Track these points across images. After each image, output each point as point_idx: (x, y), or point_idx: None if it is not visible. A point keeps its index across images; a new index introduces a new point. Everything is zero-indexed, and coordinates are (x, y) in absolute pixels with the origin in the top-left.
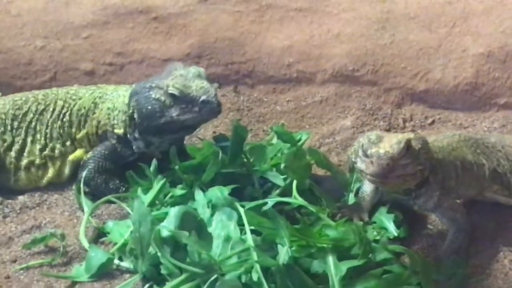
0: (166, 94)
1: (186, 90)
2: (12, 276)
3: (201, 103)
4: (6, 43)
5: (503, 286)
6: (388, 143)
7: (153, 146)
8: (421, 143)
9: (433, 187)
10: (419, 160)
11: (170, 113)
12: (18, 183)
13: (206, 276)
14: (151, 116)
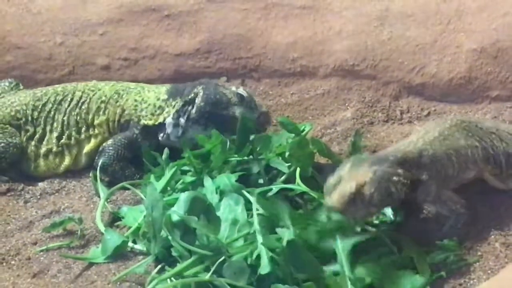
0: (234, 94)
1: (252, 98)
2: (32, 257)
3: (261, 112)
4: (27, 39)
5: (494, 267)
6: (338, 193)
7: (186, 135)
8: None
9: (428, 183)
10: (371, 203)
11: (233, 109)
12: (37, 170)
13: (214, 258)
14: (216, 105)
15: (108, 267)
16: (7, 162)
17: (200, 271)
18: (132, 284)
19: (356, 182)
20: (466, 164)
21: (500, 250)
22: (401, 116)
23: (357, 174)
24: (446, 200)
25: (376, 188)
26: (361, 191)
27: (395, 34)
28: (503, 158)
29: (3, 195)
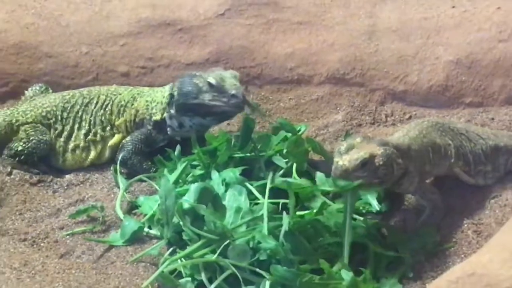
0: (205, 82)
1: (222, 82)
2: (59, 240)
3: (230, 96)
4: (56, 49)
5: (467, 252)
6: (350, 156)
7: (184, 128)
8: (385, 159)
9: (413, 175)
10: (376, 175)
11: (204, 97)
12: (65, 164)
13: (220, 242)
14: (187, 95)
15: (126, 249)
16: (38, 157)
17: (208, 253)
18: (147, 265)
19: (370, 151)
20: (439, 160)
21: (472, 237)
22: (386, 119)
23: (370, 146)
24: (426, 191)
25: (384, 163)
26: (372, 161)
27: (381, 47)
28: (470, 156)
29: (34, 186)
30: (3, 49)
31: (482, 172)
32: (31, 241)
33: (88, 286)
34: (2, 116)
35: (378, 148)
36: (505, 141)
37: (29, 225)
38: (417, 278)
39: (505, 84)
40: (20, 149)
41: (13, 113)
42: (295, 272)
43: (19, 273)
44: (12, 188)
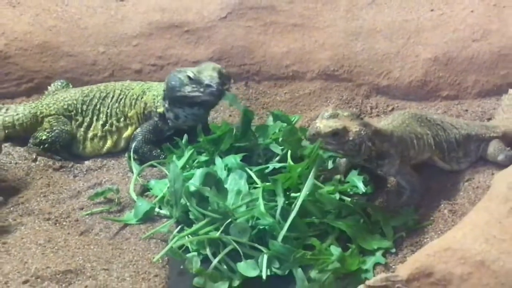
0: (185, 76)
1: (198, 75)
2: (80, 219)
3: (205, 85)
4: (76, 49)
5: (443, 229)
6: (327, 122)
7: (180, 119)
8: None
9: (394, 158)
10: (342, 147)
11: (185, 89)
12: (85, 151)
13: (223, 220)
14: (173, 89)
15: (139, 227)
16: (60, 145)
17: (212, 230)
18: (158, 241)
19: (346, 125)
20: (422, 147)
21: (448, 216)
22: (371, 111)
23: (350, 121)
24: (406, 174)
25: (353, 139)
26: (343, 134)
27: (366, 46)
28: (445, 144)
29: (57, 171)
30: (28, 49)
31: (455, 158)
32: (54, 220)
33: (105, 260)
34: (28, 109)
35: (355, 126)
36: (476, 130)
37: (52, 206)
38: (398, 253)
39: (478, 79)
40: (44, 138)
41: (38, 106)
42: (290, 248)
43: (43, 249)
44: (37, 173)
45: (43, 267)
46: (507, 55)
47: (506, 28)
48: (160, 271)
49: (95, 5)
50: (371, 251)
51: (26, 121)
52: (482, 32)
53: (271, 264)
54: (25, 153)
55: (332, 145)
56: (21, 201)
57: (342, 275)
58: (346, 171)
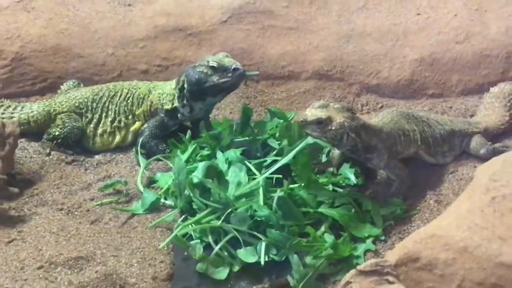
0: (208, 67)
1: (222, 62)
2: (90, 209)
3: (233, 70)
4: (87, 51)
5: (429, 218)
6: (314, 112)
7: (194, 112)
8: (338, 126)
9: (383, 152)
10: (325, 135)
11: (212, 79)
12: (95, 146)
13: (224, 210)
14: (199, 83)
15: (146, 217)
16: (72, 140)
17: (213, 219)
18: (163, 229)
19: (331, 115)
20: (409, 143)
21: (433, 205)
22: (362, 108)
23: (336, 113)
24: (394, 167)
25: (336, 129)
26: (327, 123)
27: (357, 48)
28: (430, 139)
29: (69, 164)
30: (42, 51)
31: (440, 152)
32: (66, 210)
33: (114, 247)
34: (42, 107)
35: (340, 117)
36: (459, 126)
37: (65, 197)
38: (387, 240)
39: (461, 79)
40: (57, 134)
41: (51, 104)
42: (286, 236)
43: (57, 237)
44: (50, 166)
45: (56, 254)
46: (488, 56)
47: (487, 31)
48: (165, 258)
49: (104, 10)
50: (362, 239)
51: (40, 118)
52: (465, 35)
53: (269, 250)
54: (39, 148)
55: (316, 132)
56: (36, 193)
57: (335, 261)
58: (339, 164)
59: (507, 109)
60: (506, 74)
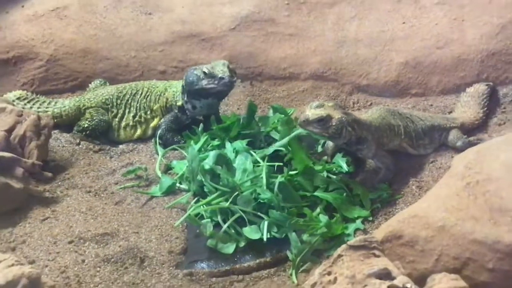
0: (201, 72)
1: (212, 70)
2: (115, 192)
3: (219, 78)
4: (113, 54)
5: (411, 201)
6: (314, 111)
7: (196, 110)
8: (337, 122)
9: (371, 144)
10: (326, 131)
11: (202, 83)
12: (119, 137)
13: (231, 193)
14: (191, 84)
15: (163, 199)
16: (99, 132)
17: (222, 201)
18: (178, 210)
19: (330, 113)
20: (394, 136)
21: (415, 190)
22: (353, 106)
23: (334, 110)
24: (381, 156)
25: (336, 125)
26: (327, 120)
27: (350, 52)
28: (413, 134)
29: (96, 153)
30: (73, 53)
31: (422, 144)
32: (94, 193)
33: (135, 225)
34: (73, 102)
35: (338, 114)
36: (439, 122)
37: (93, 181)
38: (375, 220)
39: (441, 80)
40: (86, 126)
41: (81, 100)
42: (286, 216)
43: (85, 215)
44: (80, 155)
45: (85, 230)
46: (465, 60)
47: (464, 38)
48: (180, 234)
49: (128, 17)
50: (352, 219)
51: (71, 112)
52: (444, 41)
53: (271, 229)
54: (70, 138)
55: (318, 129)
56: (67, 177)
57: (329, 238)
58: (332, 154)
59: (481, 107)
60: (480, 76)
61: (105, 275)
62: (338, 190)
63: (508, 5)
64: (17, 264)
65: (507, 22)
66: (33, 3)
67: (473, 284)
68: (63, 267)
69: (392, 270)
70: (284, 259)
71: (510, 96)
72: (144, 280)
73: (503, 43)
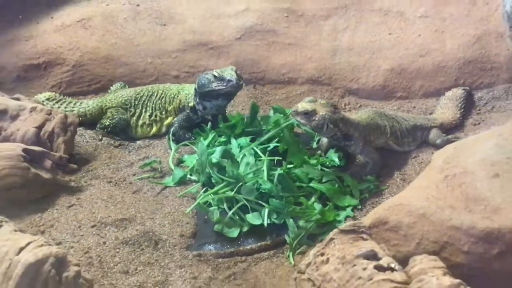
0: (212, 76)
1: (222, 74)
2: (133, 182)
3: (227, 81)
4: (131, 60)
5: (396, 192)
6: (304, 105)
7: (206, 110)
8: (320, 118)
9: (358, 140)
10: (310, 123)
11: (212, 85)
12: (136, 134)
13: (236, 184)
14: (203, 86)
15: (175, 188)
16: (119, 129)
17: (228, 191)
18: (189, 198)
19: (316, 108)
20: (380, 135)
21: (399, 182)
22: (344, 107)
23: (321, 107)
24: (368, 152)
25: (317, 121)
26: (312, 114)
27: (342, 60)
28: (398, 133)
29: (116, 148)
30: (97, 60)
31: (406, 142)
32: (114, 183)
33: (150, 211)
34: (96, 103)
35: (323, 111)
36: (421, 122)
37: (113, 172)
38: (363, 208)
39: (423, 84)
40: (107, 124)
41: (103, 100)
42: (284, 204)
43: (106, 203)
44: (102, 149)
45: (106, 216)
46: (444, 67)
47: (444, 48)
48: (190, 220)
49: (145, 28)
50: (343, 207)
51: (94, 111)
52: (426, 50)
53: (271, 215)
54: (93, 134)
55: (303, 121)
56: (91, 169)
57: (322, 224)
58: (326, 150)
59: (458, 109)
60: (458, 81)
61: (124, 256)
62: (330, 181)
63: (483, 19)
64: (46, 244)
65: (482, 33)
66: (61, 14)
67: (450, 264)
68: (86, 248)
69: (378, 252)
70: (282, 242)
71: (484, 100)
72: (158, 260)
73: (478, 52)
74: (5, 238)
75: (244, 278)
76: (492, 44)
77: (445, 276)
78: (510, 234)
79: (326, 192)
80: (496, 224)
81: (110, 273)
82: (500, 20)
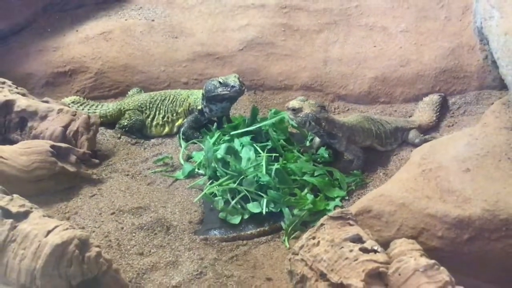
0: (217, 82)
1: (226, 80)
2: (147, 175)
3: (231, 86)
4: (146, 68)
5: (379, 184)
6: (294, 103)
7: (212, 112)
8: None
9: (342, 139)
10: (296, 119)
11: (218, 90)
12: (151, 133)
13: (238, 176)
14: (209, 91)
15: (185, 181)
16: (136, 129)
17: (231, 183)
18: (197, 189)
19: (303, 107)
20: (366, 137)
21: (382, 176)
22: (334, 110)
23: (308, 106)
24: (352, 150)
25: (301, 117)
26: (298, 111)
27: (332, 69)
28: (383, 135)
29: (133, 145)
30: (116, 68)
31: (389, 142)
32: (131, 176)
33: (163, 201)
34: (115, 105)
35: (308, 109)
36: (401, 124)
37: (130, 166)
38: (350, 199)
39: (403, 91)
40: (125, 124)
41: (122, 104)
42: (281, 195)
43: (124, 193)
44: (120, 146)
45: (123, 205)
46: (422, 75)
47: (422, 59)
48: (198, 208)
49: (159, 40)
50: (332, 198)
51: (114, 113)
52: (406, 61)
53: (269, 204)
54: (113, 133)
55: (291, 116)
56: (110, 164)
57: (314, 212)
58: (317, 147)
59: (434, 112)
60: (434, 88)
61: (139, 239)
62: (321, 175)
63: (456, 33)
64: (71, 228)
65: (456, 46)
66: (85, 28)
67: (426, 248)
68: (106, 232)
69: (363, 236)
70: (279, 228)
71: (457, 104)
72: (169, 243)
73: (452, 62)
74: (35, 222)
75: (245, 259)
76: (465, 55)
77: (421, 257)
78: (479, 221)
79: (317, 185)
80: (467, 212)
81: (127, 254)
82: (471, 35)
